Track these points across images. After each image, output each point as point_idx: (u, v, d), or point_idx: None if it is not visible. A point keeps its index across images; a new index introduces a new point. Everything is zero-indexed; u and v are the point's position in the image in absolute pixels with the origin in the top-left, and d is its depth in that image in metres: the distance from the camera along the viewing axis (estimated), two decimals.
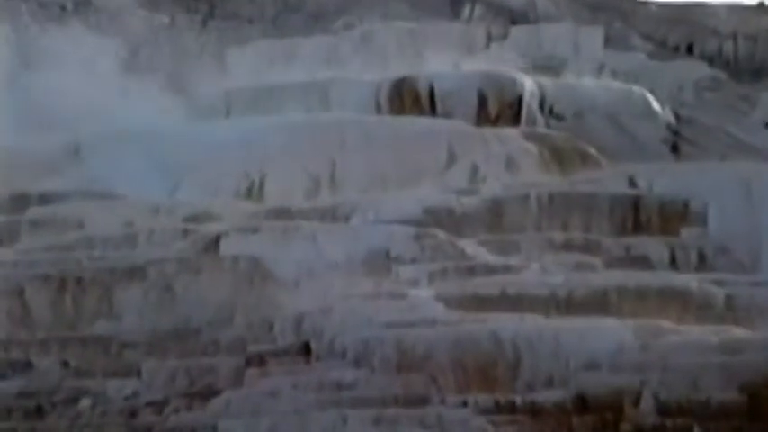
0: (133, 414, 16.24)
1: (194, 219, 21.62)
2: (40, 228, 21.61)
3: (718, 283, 19.48)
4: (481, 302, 18.45)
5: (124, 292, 19.04)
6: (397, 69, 29.18)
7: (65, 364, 17.67)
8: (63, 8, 35.96)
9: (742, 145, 28.90)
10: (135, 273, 19.26)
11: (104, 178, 23.48)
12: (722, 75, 34.38)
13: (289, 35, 36.00)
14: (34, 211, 22.29)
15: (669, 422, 15.64)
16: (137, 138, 24.91)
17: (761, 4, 46.05)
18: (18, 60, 30.65)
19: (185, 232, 20.92)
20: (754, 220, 22.30)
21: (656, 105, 28.81)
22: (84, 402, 16.53)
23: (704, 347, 16.68)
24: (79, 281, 19.15)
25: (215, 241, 20.39)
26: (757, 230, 22.19)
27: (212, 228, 20.90)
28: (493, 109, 27.51)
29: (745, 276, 20.47)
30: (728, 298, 18.98)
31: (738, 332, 17.42)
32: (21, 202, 22.77)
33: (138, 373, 17.18)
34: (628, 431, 15.69)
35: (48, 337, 18.43)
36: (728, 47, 39.28)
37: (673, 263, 21.32)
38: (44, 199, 22.93)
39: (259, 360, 17.27)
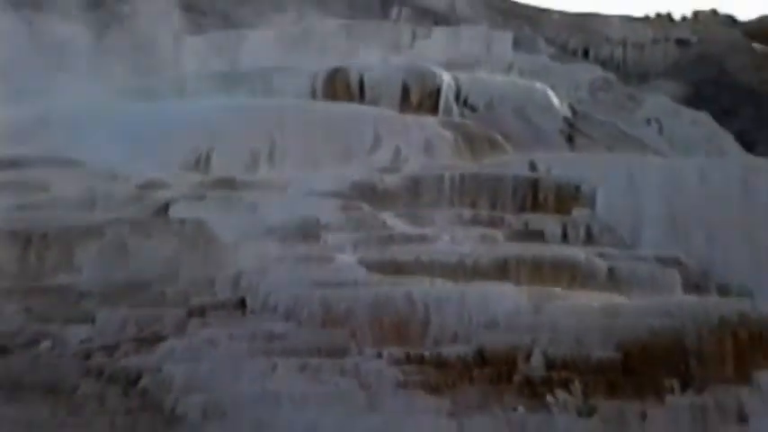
0: (87, 356, 16.14)
1: (147, 186, 21.54)
2: (10, 189, 21.43)
3: (603, 256, 19.66)
4: (398, 267, 18.50)
5: (83, 248, 18.95)
6: (332, 60, 29.14)
7: (28, 310, 17.54)
8: None
9: (628, 138, 29.10)
10: (93, 232, 19.17)
11: (69, 147, 23.32)
12: (613, 77, 34.60)
13: (238, 27, 35.87)
14: (5, 175, 22.09)
15: (555, 375, 15.72)
16: (99, 113, 24.77)
17: (658, 15, 46.46)
18: None
19: (139, 197, 20.87)
20: (635, 203, 22.50)
21: (555, 101, 28.94)
22: (44, 344, 16.43)
23: (588, 311, 16.81)
24: (43, 237, 19.04)
25: (165, 206, 20.36)
26: (638, 212, 22.40)
27: (163, 194, 20.86)
28: (415, 98, 27.54)
29: (626, 251, 20.66)
30: (611, 270, 19.18)
31: (618, 299, 17.57)
32: None
33: (93, 321, 17.09)
34: (520, 382, 15.77)
35: (13, 286, 18.29)
36: (619, 53, 39.63)
37: (564, 238, 21.46)
38: (14, 164, 22.73)
39: (200, 312, 17.21)
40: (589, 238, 21.57)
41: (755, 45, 42.27)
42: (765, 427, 15.02)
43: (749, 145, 32.99)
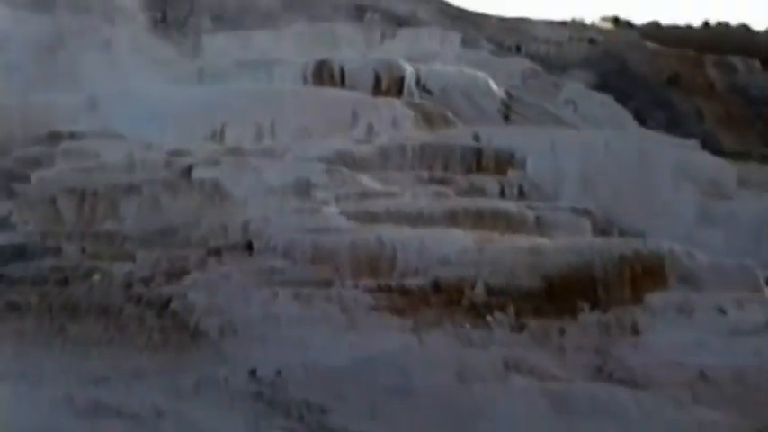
0: (129, 286, 16.16)
1: (175, 153, 21.42)
2: (69, 156, 21.33)
3: (531, 208, 19.71)
4: (371, 217, 18.53)
5: (125, 202, 18.88)
6: (320, 55, 28.93)
7: (83, 250, 17.52)
8: (87, 2, 35.21)
9: (551, 116, 29.03)
10: (133, 190, 19.11)
11: (114, 124, 23.19)
12: (539, 68, 34.46)
13: (245, 28, 35.56)
14: (65, 145, 21.98)
15: (494, 300, 15.83)
16: (137, 97, 24.56)
17: (573, 20, 46.39)
18: (55, 41, 30.04)
19: (168, 163, 20.74)
20: (557, 167, 22.55)
21: (494, 87, 28.83)
22: (96, 277, 16.42)
23: (519, 251, 16.89)
24: (94, 194, 18.98)
25: (189, 169, 20.25)
26: (559, 174, 22.46)
27: (187, 160, 20.73)
28: (384, 85, 27.39)
29: (549, 204, 20.71)
30: (537, 218, 19.23)
31: (543, 241, 17.65)
32: (56, 138, 22.42)
33: (134, 259, 17.08)
34: (467, 306, 15.85)
35: (72, 231, 18.25)
36: (544, 49, 39.48)
37: (502, 194, 21.49)
38: (72, 136, 22.58)
39: (217, 252, 17.21)
40: (521, 194, 21.61)
41: (648, 44, 42.27)
42: (653, 337, 15.16)
43: (643, 121, 33.05)
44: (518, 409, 12.42)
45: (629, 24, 48.14)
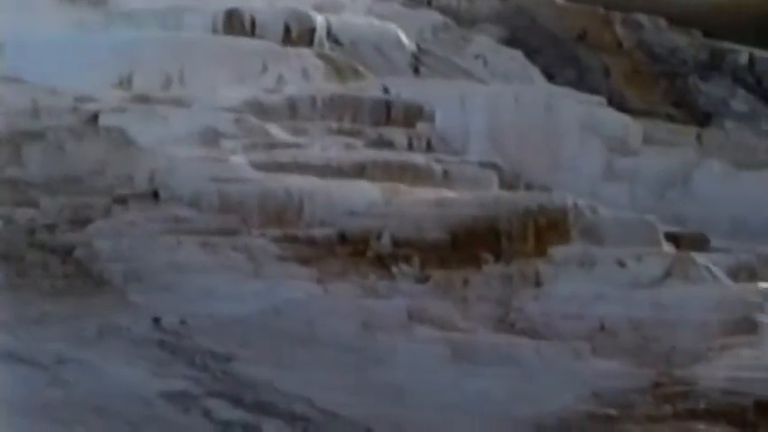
0: (32, 233, 15.94)
1: (81, 100, 20.95)
2: None
3: (439, 161, 19.81)
4: (279, 167, 18.43)
5: (29, 148, 18.51)
6: (229, 3, 28.46)
7: None
8: None
9: (460, 70, 29.01)
10: (37, 135, 18.76)
11: (20, 69, 22.64)
12: (450, 21, 34.30)
13: None
14: None
15: (399, 252, 15.97)
16: (43, 41, 23.99)
17: None
18: None
19: (74, 109, 20.32)
20: (464, 121, 22.65)
21: (405, 39, 28.67)
22: None
23: (426, 203, 17.07)
24: None
25: (95, 116, 19.91)
26: (466, 127, 22.58)
27: (94, 107, 20.37)
28: (294, 35, 27.11)
29: (457, 158, 20.83)
30: (445, 172, 19.31)
31: (449, 194, 17.79)
32: None
33: (37, 206, 16.81)
34: (372, 257, 15.96)
35: None
36: (454, 3, 39.37)
37: (410, 147, 21.48)
38: None
39: (122, 200, 17.01)
40: (429, 147, 21.61)
41: (558, 0, 42.57)
42: (555, 289, 15.46)
43: (550, 76, 33.25)
44: (420, 358, 12.61)
45: None
